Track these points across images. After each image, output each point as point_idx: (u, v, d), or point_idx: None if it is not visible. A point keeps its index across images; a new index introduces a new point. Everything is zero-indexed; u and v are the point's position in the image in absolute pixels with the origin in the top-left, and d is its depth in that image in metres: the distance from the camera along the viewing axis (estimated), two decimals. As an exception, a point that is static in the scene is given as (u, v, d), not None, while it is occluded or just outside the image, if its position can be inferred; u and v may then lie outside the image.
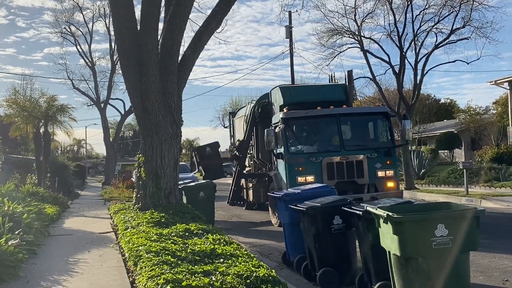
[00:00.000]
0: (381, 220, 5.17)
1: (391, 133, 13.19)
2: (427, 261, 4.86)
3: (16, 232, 8.49)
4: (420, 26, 27.91)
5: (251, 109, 16.19)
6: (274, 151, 12.90)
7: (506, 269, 7.42)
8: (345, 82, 15.78)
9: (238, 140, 17.10)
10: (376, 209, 5.33)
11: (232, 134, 20.92)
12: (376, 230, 5.39)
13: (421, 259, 4.88)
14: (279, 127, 12.40)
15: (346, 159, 12.11)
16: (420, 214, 5.23)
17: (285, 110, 12.77)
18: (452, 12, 27.06)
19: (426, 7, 28.52)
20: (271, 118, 14.36)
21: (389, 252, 5.21)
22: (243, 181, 17.19)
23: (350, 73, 15.69)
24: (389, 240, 5.07)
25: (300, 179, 11.88)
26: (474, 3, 26.69)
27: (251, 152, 16.82)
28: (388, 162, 12.44)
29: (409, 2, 27.50)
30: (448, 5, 27.20)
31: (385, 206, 5.48)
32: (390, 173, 12.41)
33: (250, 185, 16.70)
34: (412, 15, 27.72)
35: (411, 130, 13.53)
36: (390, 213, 4.99)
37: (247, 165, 17.36)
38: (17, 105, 23.36)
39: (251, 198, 16.84)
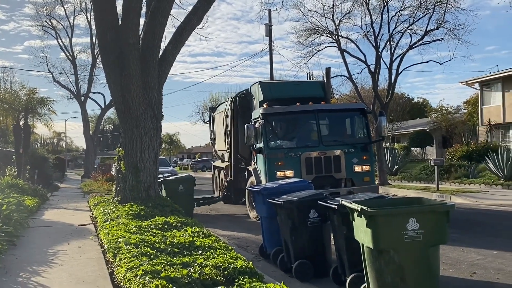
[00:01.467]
0: (355, 214, 5.21)
1: (368, 129, 13.18)
2: (398, 254, 4.91)
3: (-5, 224, 8.37)
4: (395, 27, 28.26)
5: (231, 104, 15.96)
6: (254, 146, 12.80)
7: (474, 262, 7.56)
8: (323, 79, 15.71)
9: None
10: (351, 203, 5.37)
11: (212, 129, 20.57)
12: (351, 223, 5.42)
13: (393, 252, 4.93)
14: (259, 122, 12.26)
15: (324, 154, 12.05)
16: (393, 208, 5.29)
17: (264, 106, 12.67)
18: (426, 14, 27.47)
19: (402, 8, 28.91)
20: (250, 113, 14.25)
21: (362, 244, 5.25)
22: (222, 175, 17.12)
23: (328, 70, 15.65)
24: (362, 233, 5.12)
25: (279, 173, 11.76)
26: (448, 5, 27.12)
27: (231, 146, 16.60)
28: (364, 158, 12.39)
29: (385, 3, 27.79)
30: (422, 7, 27.59)
31: (359, 201, 5.53)
32: (366, 168, 12.37)
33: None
34: (388, 16, 28.04)
35: (386, 127, 13.51)
36: (364, 207, 5.03)
37: (227, 160, 17.06)
38: (-3, 97, 22.98)
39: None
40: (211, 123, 20.84)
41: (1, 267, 6.85)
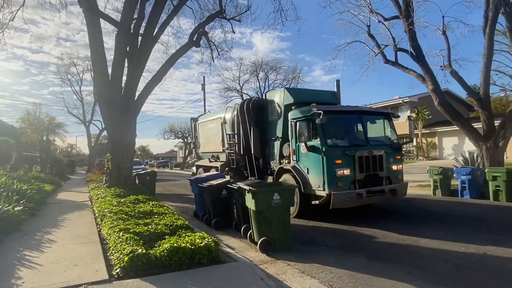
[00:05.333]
0: (246, 191, 5.26)
1: (395, 131, 8.40)
2: (269, 213, 5.03)
3: (21, 202, 7.37)
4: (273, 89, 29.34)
5: (238, 110, 10.21)
6: (305, 143, 7.56)
7: (310, 216, 7.89)
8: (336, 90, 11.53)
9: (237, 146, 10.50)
10: (244, 185, 5.42)
11: (195, 135, 14.34)
12: (244, 196, 5.46)
13: (266, 212, 5.04)
14: (321, 119, 7.07)
15: (371, 153, 7.39)
16: (266, 187, 5.41)
17: (313, 105, 7.59)
18: (288, 83, 28.85)
19: (276, 79, 30.20)
20: (263, 116, 9.59)
21: (249, 208, 5.31)
22: (213, 171, 11.92)
23: (338, 82, 12.44)
24: (250, 202, 5.18)
25: (339, 172, 7.00)
26: (299, 79, 28.69)
27: (234, 148, 10.59)
28: (397, 157, 7.87)
29: (266, 76, 28.82)
30: (286, 79, 29.03)
31: (248, 184, 5.58)
32: (400, 166, 7.85)
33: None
34: (268, 83, 29.04)
35: (414, 130, 8.97)
36: (251, 188, 5.11)
37: (224, 159, 11.35)
38: (29, 122, 20.58)
39: None
40: (194, 131, 14.56)
41: (23, 230, 6.05)
